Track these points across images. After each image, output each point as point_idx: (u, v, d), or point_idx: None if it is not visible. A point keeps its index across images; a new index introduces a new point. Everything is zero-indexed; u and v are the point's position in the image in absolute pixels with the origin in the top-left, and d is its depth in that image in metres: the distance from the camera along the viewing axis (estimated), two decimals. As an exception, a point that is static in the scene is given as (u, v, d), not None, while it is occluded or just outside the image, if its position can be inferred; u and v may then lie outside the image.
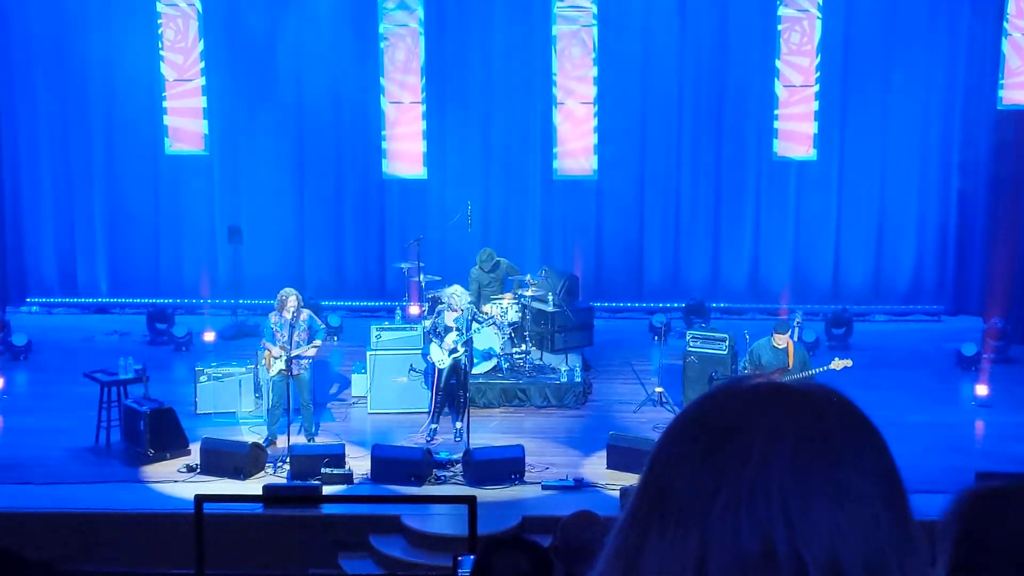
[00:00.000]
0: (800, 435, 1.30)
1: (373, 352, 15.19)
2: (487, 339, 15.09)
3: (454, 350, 14.05)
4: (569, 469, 13.21)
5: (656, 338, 17.43)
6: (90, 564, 11.06)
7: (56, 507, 12.26)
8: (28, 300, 19.35)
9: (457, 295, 14.29)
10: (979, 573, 2.34)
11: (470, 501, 9.22)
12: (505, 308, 15.58)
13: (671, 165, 18.99)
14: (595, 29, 18.47)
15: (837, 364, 13.39)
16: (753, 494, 1.27)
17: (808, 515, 1.26)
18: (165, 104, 18.70)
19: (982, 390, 15.49)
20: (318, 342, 14.03)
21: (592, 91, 18.60)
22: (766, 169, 18.85)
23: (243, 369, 15.01)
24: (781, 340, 13.54)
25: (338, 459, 12.92)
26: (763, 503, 1.26)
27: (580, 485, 12.80)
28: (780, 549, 1.25)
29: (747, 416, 1.31)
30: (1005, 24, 17.38)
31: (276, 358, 13.74)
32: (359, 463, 13.05)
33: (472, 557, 7.79)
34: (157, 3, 18.47)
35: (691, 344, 15.37)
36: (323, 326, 14.36)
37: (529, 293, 15.88)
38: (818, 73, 18.40)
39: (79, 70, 18.78)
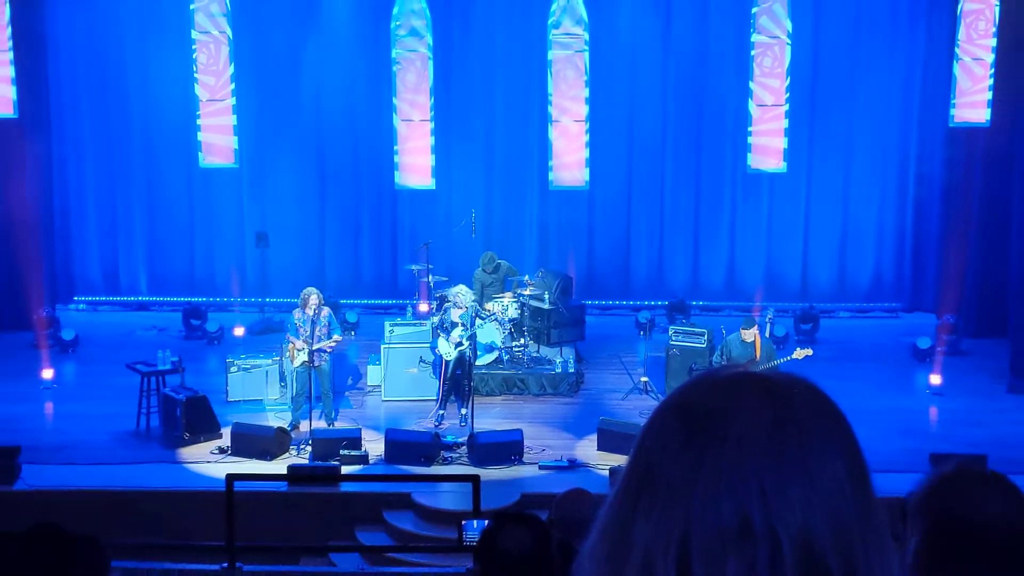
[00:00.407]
0: (774, 420, 1.29)
1: (386, 345, 15.19)
2: (489, 333, 15.08)
3: (459, 343, 14.04)
4: (563, 451, 13.19)
5: (642, 333, 17.44)
6: (131, 537, 11.05)
7: (100, 485, 12.25)
8: (75, 299, 19.34)
9: (462, 294, 14.27)
10: (950, 547, 2.35)
11: (474, 480, 9.23)
12: (505, 306, 15.57)
13: (655, 176, 18.98)
14: (587, 54, 18.44)
15: (799, 353, 13.41)
16: (732, 474, 1.26)
17: (782, 493, 1.25)
18: (199, 122, 18.68)
19: (935, 380, 15.48)
20: (338, 337, 14.04)
21: (584, 110, 18.58)
22: (741, 180, 18.84)
23: (269, 361, 15.01)
24: (748, 335, 13.54)
25: (355, 442, 12.91)
26: (741, 482, 1.26)
27: (573, 465, 12.78)
28: (757, 524, 1.24)
29: (726, 403, 1.31)
30: (956, 49, 17.36)
31: (299, 351, 13.73)
32: (374, 446, 13.04)
33: (476, 522, 7.81)
34: (191, 30, 18.44)
35: (673, 338, 15.36)
36: (338, 326, 14.29)
37: (527, 292, 15.88)
38: (788, 94, 18.37)
39: (121, 92, 18.77)
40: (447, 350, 14.09)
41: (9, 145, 17.58)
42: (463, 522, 7.92)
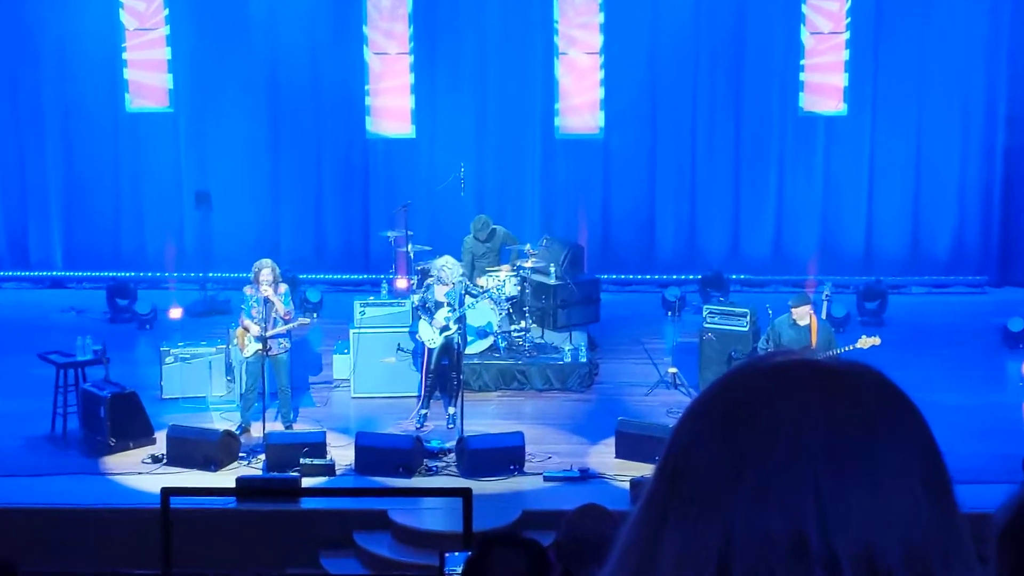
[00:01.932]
0: (834, 415, 1.30)
1: (356, 330, 15.18)
2: (482, 315, 15.09)
3: (446, 328, 14.05)
4: (574, 459, 13.22)
5: (670, 313, 17.48)
6: (48, 564, 11.08)
7: (9, 502, 12.26)
8: (-26, 274, 19.37)
9: (448, 267, 14.27)
10: None
11: (465, 494, 9.24)
12: (502, 281, 15.57)
13: (685, 122, 18.96)
14: (601, -29, 18.44)
15: (865, 342, 13.32)
16: (782, 479, 1.27)
17: (842, 502, 1.26)
18: (125, 56, 18.65)
19: (1031, 369, 15.50)
20: (304, 320, 14.04)
21: (598, 40, 18.55)
22: (791, 126, 18.83)
23: (213, 349, 15.01)
24: (801, 314, 13.46)
25: (319, 448, 12.93)
26: (794, 488, 1.26)
27: (586, 476, 12.81)
28: (812, 539, 1.25)
29: (775, 395, 1.31)
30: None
31: (255, 337, 13.61)
32: (342, 452, 13.06)
33: (461, 554, 7.82)
34: (115, -56, 18.43)
35: (708, 320, 15.36)
36: (292, 307, 14.08)
37: (528, 264, 15.88)
38: (848, 18, 18.36)
39: (28, 19, 18.70)
40: (431, 336, 14.10)
41: None
42: (445, 555, 7.93)
